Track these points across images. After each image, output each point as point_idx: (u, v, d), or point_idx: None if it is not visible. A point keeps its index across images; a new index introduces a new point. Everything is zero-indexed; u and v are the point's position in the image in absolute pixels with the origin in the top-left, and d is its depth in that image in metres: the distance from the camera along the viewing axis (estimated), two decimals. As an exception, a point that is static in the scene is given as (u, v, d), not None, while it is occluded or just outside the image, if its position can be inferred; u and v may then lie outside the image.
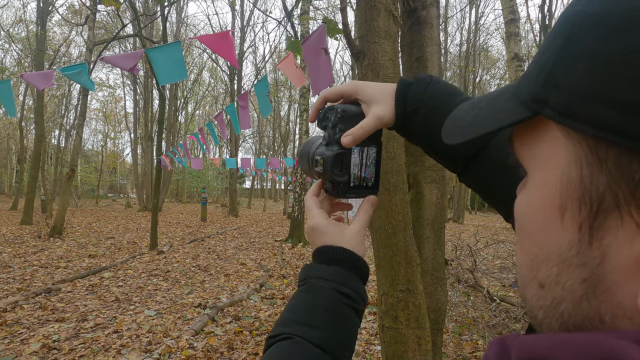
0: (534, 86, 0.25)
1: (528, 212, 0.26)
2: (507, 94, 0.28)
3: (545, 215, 0.24)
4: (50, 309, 4.25)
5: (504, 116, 0.27)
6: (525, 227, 0.27)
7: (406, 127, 0.49)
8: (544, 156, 0.25)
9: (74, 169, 9.92)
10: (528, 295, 0.26)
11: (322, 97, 0.53)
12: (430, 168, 1.95)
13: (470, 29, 21.97)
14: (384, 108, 0.48)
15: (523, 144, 0.27)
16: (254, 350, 3.38)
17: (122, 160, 46.14)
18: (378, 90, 0.49)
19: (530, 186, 0.27)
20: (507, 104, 0.27)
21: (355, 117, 0.49)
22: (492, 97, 0.30)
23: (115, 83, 37.30)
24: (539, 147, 0.25)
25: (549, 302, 0.24)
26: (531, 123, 0.26)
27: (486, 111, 0.29)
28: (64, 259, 7.00)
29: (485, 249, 8.05)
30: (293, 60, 2.57)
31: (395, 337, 1.43)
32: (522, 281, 0.27)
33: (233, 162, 10.25)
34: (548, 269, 0.24)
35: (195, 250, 8.37)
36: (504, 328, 3.97)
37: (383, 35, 1.50)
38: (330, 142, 0.50)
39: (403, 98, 0.48)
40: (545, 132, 0.25)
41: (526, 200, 0.27)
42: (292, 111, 30.11)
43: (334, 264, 0.47)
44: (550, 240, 0.24)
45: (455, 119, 0.33)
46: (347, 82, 0.52)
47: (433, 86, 0.47)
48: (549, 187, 0.24)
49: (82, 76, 2.53)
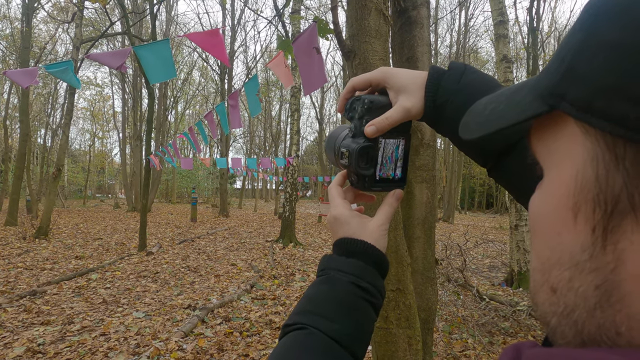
0: (552, 79, 0.23)
1: (541, 212, 0.25)
2: (528, 87, 0.27)
3: (558, 216, 0.23)
4: (35, 311, 4.16)
5: (520, 111, 0.25)
6: (538, 228, 0.26)
7: (435, 119, 0.47)
8: (560, 153, 0.24)
9: (60, 169, 9.74)
10: (540, 300, 0.25)
11: (349, 86, 0.51)
12: (421, 168, 1.95)
13: (460, 31, 22.20)
14: (413, 99, 0.46)
15: (540, 140, 0.26)
16: (244, 351, 3.35)
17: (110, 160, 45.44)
18: (408, 79, 0.46)
19: (545, 185, 0.26)
20: (525, 98, 0.26)
21: (383, 108, 0.47)
22: (513, 91, 0.28)
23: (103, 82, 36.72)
24: (556, 143, 0.24)
25: (562, 309, 0.23)
26: (549, 118, 0.25)
27: (505, 105, 0.28)
28: (50, 260, 6.86)
29: (474, 248, 8.14)
30: (283, 60, 2.55)
31: (385, 337, 1.43)
32: (534, 285, 0.26)
33: (223, 162, 10.18)
34: (560, 273, 0.23)
35: (185, 251, 8.29)
36: (493, 326, 4.01)
37: (374, 35, 1.49)
38: (356, 133, 0.49)
39: (434, 90, 0.45)
40: (562, 128, 0.24)
41: (540, 199, 0.26)
42: (283, 111, 30.04)
43: (354, 257, 0.47)
44: (563, 243, 0.23)
45: (473, 113, 0.32)
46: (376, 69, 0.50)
47: (467, 76, 0.44)
48: (563, 186, 0.23)
49: (68, 74, 2.47)
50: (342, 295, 0.44)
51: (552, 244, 0.24)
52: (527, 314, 4.06)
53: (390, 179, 0.51)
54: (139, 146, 20.04)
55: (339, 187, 0.53)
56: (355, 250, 0.47)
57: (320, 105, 26.13)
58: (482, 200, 39.42)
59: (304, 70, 2.13)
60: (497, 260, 8.03)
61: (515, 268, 5.96)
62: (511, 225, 6.13)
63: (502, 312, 4.23)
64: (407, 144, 0.50)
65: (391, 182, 0.51)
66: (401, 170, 0.51)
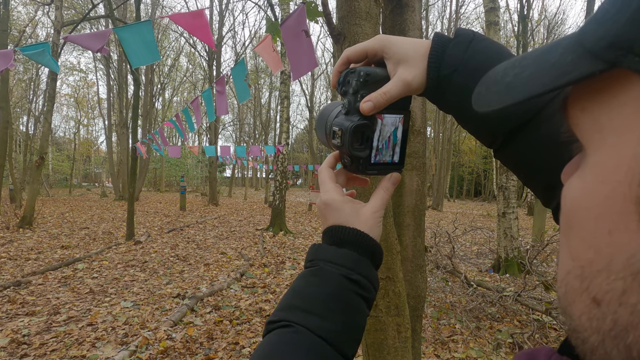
0: (611, 28, 0.18)
1: (584, 203, 0.20)
2: (564, 45, 0.21)
3: (611, 210, 0.18)
4: (19, 302, 4.08)
5: (560, 73, 0.20)
6: (577, 224, 0.21)
7: (439, 93, 0.41)
8: (618, 127, 0.18)
9: (44, 157, 9.50)
10: (575, 311, 0.21)
11: (343, 57, 0.45)
12: (411, 155, 1.93)
13: (451, 18, 22.11)
14: (414, 71, 0.40)
15: (585, 111, 0.21)
16: (234, 339, 3.35)
17: (96, 148, 44.60)
18: (408, 48, 0.41)
19: (590, 168, 0.20)
20: (564, 57, 0.20)
21: (381, 81, 0.42)
22: (541, 52, 0.23)
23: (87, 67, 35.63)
24: (612, 114, 0.19)
25: (609, 327, 0.18)
26: (601, 80, 0.19)
27: (534, 69, 0.22)
28: (35, 250, 6.73)
29: (463, 236, 8.27)
30: (271, 43, 2.48)
31: (375, 325, 1.42)
32: (567, 291, 0.21)
33: (212, 150, 10.04)
34: (609, 283, 0.18)
35: (174, 240, 8.22)
36: (480, 312, 4.08)
37: (364, 17, 1.44)
38: (350, 110, 0.44)
39: (438, 59, 0.40)
40: (624, 91, 0.18)
41: (582, 187, 0.21)
42: (273, 98, 29.74)
43: (345, 247, 0.43)
44: (617, 245, 0.18)
45: (489, 81, 0.26)
46: (373, 37, 0.44)
47: (476, 44, 0.39)
48: (621, 170, 0.18)
49: (45, 56, 2.35)
50: (332, 289, 0.40)
51: (599, 244, 0.19)
52: (514, 300, 4.14)
53: (387, 162, 0.46)
54: (125, 134, 19.67)
55: (330, 169, 0.49)
56: (347, 239, 0.43)
57: (310, 93, 25.89)
58: (471, 188, 39.97)
59: (292, 54, 2.07)
60: (484, 247, 8.16)
61: (502, 255, 6.06)
62: (499, 213, 6.21)
63: (489, 297, 4.30)
64: (406, 122, 0.46)
65: (388, 165, 0.47)
66: (399, 153, 0.47)
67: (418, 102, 1.90)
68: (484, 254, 7.69)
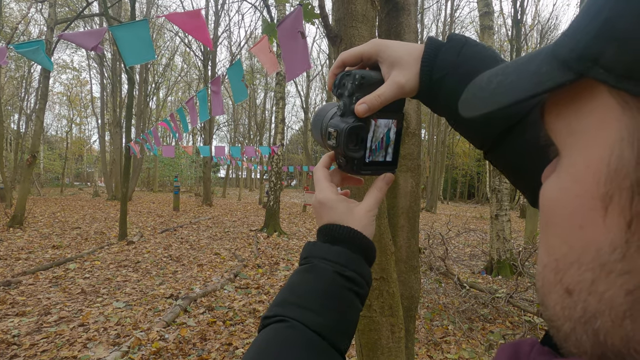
0: (580, 40, 0.19)
1: (559, 202, 0.22)
2: (542, 56, 0.23)
3: (582, 207, 0.20)
4: (9, 302, 4.03)
5: (537, 82, 0.21)
6: (553, 220, 0.22)
7: (432, 96, 0.43)
8: (587, 131, 0.20)
9: (35, 156, 9.39)
10: (550, 302, 0.22)
11: (339, 60, 0.47)
12: (406, 157, 1.95)
13: (446, 22, 22.27)
14: (407, 74, 0.42)
15: (559, 116, 0.22)
16: (227, 340, 3.34)
17: (89, 147, 44.11)
18: (402, 52, 0.42)
19: (564, 170, 0.22)
20: (541, 68, 0.22)
21: (376, 84, 0.44)
22: (522, 62, 0.24)
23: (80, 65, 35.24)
24: (581, 119, 0.20)
25: (579, 314, 0.20)
26: (573, 89, 0.21)
27: (515, 77, 0.24)
28: (25, 250, 6.64)
29: (456, 238, 8.32)
30: (267, 45, 2.48)
31: (369, 325, 1.43)
32: (544, 284, 0.23)
33: (207, 150, 10.00)
34: (580, 274, 0.20)
35: (167, 240, 8.16)
36: (473, 313, 4.11)
37: (360, 19, 1.46)
38: (345, 112, 0.45)
39: (430, 63, 0.41)
40: (591, 100, 0.20)
41: (557, 187, 0.22)
42: (268, 99, 29.68)
43: (339, 245, 0.44)
44: (587, 239, 0.20)
45: (476, 88, 0.27)
46: (368, 42, 0.45)
47: (468, 49, 0.40)
48: (590, 170, 0.19)
49: (39, 54, 2.33)
50: (326, 285, 0.41)
51: (572, 239, 0.21)
52: (506, 301, 4.17)
53: (381, 162, 0.48)
54: (118, 133, 19.49)
55: (325, 169, 0.50)
56: (340, 237, 0.44)
57: (305, 94, 25.90)
58: (464, 190, 40.22)
59: (287, 55, 2.08)
60: (477, 249, 8.22)
61: (495, 256, 6.11)
62: (492, 215, 6.26)
63: (481, 299, 4.34)
64: (399, 124, 0.47)
65: (381, 166, 0.48)
66: (392, 154, 0.48)
67: (413, 104, 1.92)
68: (477, 255, 7.75)
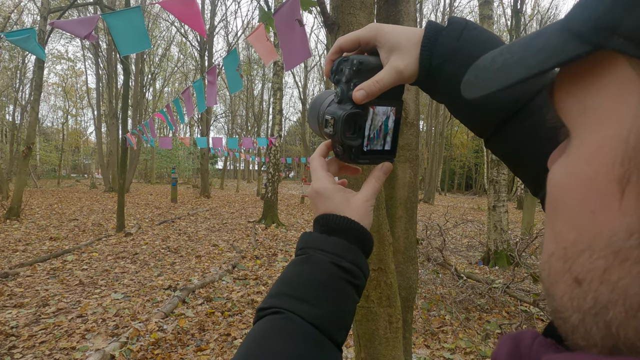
0: (595, 10, 0.18)
1: (568, 186, 0.20)
2: (551, 30, 0.21)
3: (594, 190, 0.18)
4: (7, 294, 4.03)
5: (546, 56, 0.20)
6: (561, 206, 0.21)
7: (431, 82, 0.41)
8: (602, 108, 0.18)
9: (31, 147, 9.31)
10: (557, 292, 0.21)
11: (336, 46, 0.45)
12: (404, 147, 1.93)
13: (445, 11, 22.06)
14: (406, 59, 0.40)
15: (570, 94, 0.20)
16: (225, 331, 3.35)
17: (85, 138, 43.83)
18: (401, 37, 0.41)
19: (574, 151, 0.20)
20: (550, 42, 0.20)
21: (374, 70, 0.42)
22: (530, 39, 0.23)
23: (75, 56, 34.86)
24: (595, 95, 0.19)
25: (589, 305, 0.19)
26: (586, 63, 0.19)
27: (522, 55, 0.22)
28: (22, 242, 6.63)
29: (454, 229, 8.35)
30: (264, 33, 2.44)
31: (366, 316, 1.43)
32: (550, 273, 0.21)
33: (204, 142, 9.94)
34: (591, 262, 0.19)
35: (165, 232, 8.16)
36: (470, 303, 4.14)
37: (358, 6, 1.43)
38: (343, 99, 0.43)
39: (430, 48, 0.40)
40: (607, 73, 0.18)
41: (567, 169, 0.21)
42: (266, 90, 29.46)
43: (336, 235, 0.43)
44: (599, 225, 0.18)
45: (478, 69, 0.26)
46: (366, 26, 0.44)
47: (468, 33, 0.39)
48: (604, 151, 0.18)
49: (31, 43, 2.28)
50: (322, 276, 0.40)
51: (582, 225, 0.19)
52: (502, 292, 4.21)
53: (379, 150, 0.46)
54: (115, 124, 19.34)
55: (321, 158, 0.48)
56: (337, 227, 0.43)
57: (303, 85, 25.72)
58: (462, 182, 40.34)
59: (285, 44, 2.04)
60: (475, 239, 8.27)
61: (492, 247, 6.15)
62: (489, 206, 6.28)
63: (478, 289, 4.37)
64: (398, 112, 0.45)
65: (380, 155, 0.46)
66: (391, 142, 0.46)
67: (412, 93, 1.90)
68: (474, 246, 7.79)
